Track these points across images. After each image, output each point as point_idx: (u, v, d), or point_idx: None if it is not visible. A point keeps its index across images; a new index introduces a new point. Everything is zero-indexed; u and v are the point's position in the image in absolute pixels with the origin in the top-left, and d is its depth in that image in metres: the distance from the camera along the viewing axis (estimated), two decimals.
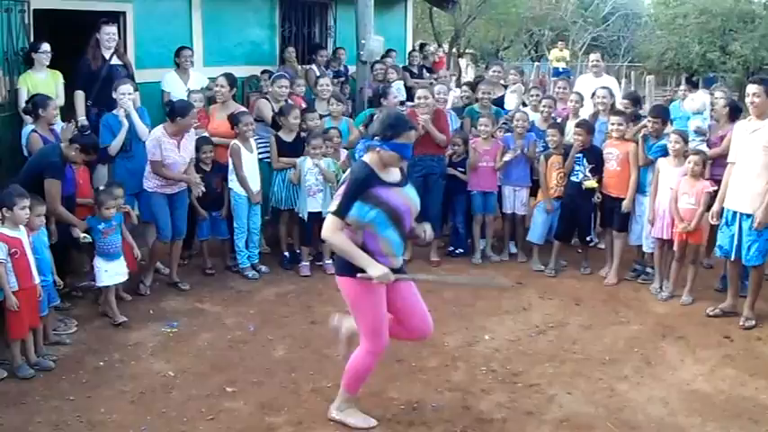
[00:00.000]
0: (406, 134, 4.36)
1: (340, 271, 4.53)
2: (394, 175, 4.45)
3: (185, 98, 7.68)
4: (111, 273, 6.27)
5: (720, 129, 7.63)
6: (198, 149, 7.31)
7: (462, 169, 7.98)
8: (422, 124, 7.45)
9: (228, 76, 7.80)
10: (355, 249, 4.33)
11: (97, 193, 6.36)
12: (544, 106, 8.34)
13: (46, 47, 7.28)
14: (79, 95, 7.56)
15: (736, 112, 7.59)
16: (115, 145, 6.98)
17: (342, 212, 4.30)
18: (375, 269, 4.28)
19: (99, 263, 6.25)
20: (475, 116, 8.27)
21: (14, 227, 5.25)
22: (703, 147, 7.48)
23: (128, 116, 7.04)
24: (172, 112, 6.74)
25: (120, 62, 7.84)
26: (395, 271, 4.44)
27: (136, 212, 6.88)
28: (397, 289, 4.53)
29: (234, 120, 7.37)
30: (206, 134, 7.57)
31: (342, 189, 4.36)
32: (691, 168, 6.72)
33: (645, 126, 7.32)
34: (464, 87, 9.76)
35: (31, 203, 5.34)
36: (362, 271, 4.33)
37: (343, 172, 5.80)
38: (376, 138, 4.37)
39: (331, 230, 4.35)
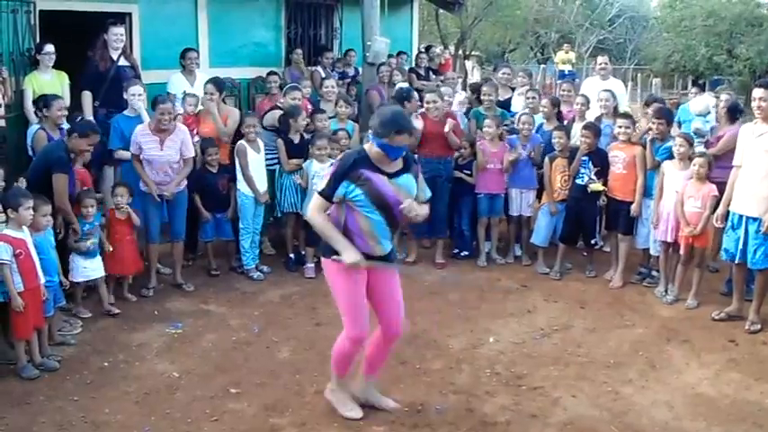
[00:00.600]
0: (391, 137, 4.30)
1: (324, 253, 4.62)
2: (392, 166, 4.44)
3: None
4: (88, 269, 6.32)
5: (720, 130, 7.63)
6: (203, 152, 7.34)
7: (468, 172, 7.97)
8: (447, 130, 7.56)
9: (216, 82, 7.69)
10: (334, 232, 4.40)
11: (78, 193, 6.37)
12: (543, 106, 8.35)
13: (49, 48, 7.30)
14: (86, 95, 7.58)
15: (735, 112, 7.59)
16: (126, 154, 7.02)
17: (327, 192, 4.37)
18: (349, 254, 4.34)
19: (77, 260, 6.27)
20: (480, 118, 8.26)
21: (18, 228, 5.26)
22: (701, 148, 7.47)
23: (138, 116, 7.06)
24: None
25: (127, 63, 7.87)
26: (381, 259, 4.50)
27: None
28: (378, 280, 4.58)
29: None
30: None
31: (330, 170, 4.43)
32: (696, 171, 6.71)
33: (650, 129, 7.32)
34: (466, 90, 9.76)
35: (36, 204, 5.35)
36: (338, 253, 4.41)
37: None
38: (371, 131, 4.41)
39: (314, 210, 4.44)
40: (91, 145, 6.31)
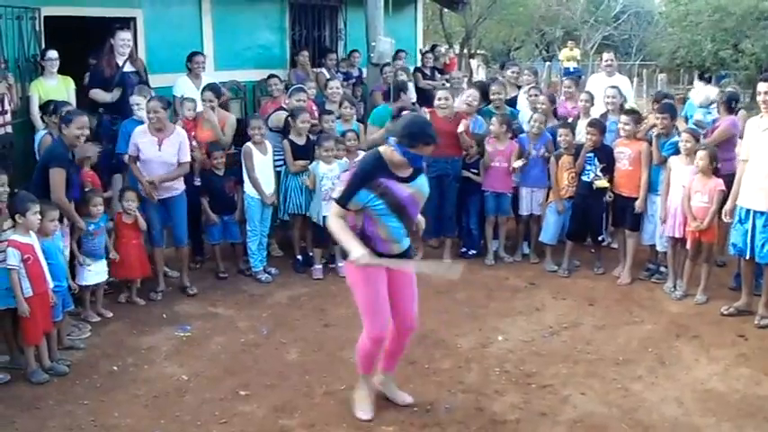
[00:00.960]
0: (421, 147, 4.36)
1: (345, 257, 4.69)
2: (406, 170, 4.48)
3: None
4: (93, 272, 6.35)
5: (719, 121, 7.63)
6: (209, 155, 7.35)
7: (475, 170, 7.95)
8: (461, 130, 7.54)
9: (214, 88, 7.69)
10: (345, 234, 4.46)
11: (85, 193, 6.37)
12: (542, 103, 8.33)
13: (52, 54, 7.33)
14: (95, 91, 7.61)
15: (732, 103, 7.58)
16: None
17: (344, 200, 4.45)
18: (354, 252, 4.39)
19: (84, 261, 6.28)
20: (490, 117, 8.23)
21: (26, 233, 5.27)
22: (701, 139, 7.46)
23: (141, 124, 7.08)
24: None
25: (132, 69, 7.88)
26: (397, 256, 4.58)
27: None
28: (395, 278, 4.63)
29: (244, 123, 7.44)
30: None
31: (347, 175, 4.46)
32: (698, 164, 6.69)
33: (654, 125, 7.30)
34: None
35: (44, 209, 5.36)
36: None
37: None
38: (393, 138, 4.41)
39: (333, 216, 4.53)
40: (81, 128, 6.03)
